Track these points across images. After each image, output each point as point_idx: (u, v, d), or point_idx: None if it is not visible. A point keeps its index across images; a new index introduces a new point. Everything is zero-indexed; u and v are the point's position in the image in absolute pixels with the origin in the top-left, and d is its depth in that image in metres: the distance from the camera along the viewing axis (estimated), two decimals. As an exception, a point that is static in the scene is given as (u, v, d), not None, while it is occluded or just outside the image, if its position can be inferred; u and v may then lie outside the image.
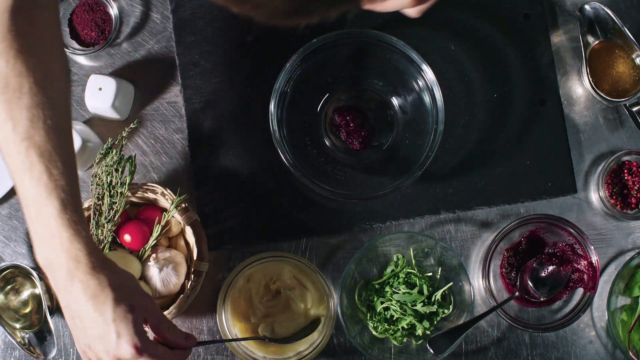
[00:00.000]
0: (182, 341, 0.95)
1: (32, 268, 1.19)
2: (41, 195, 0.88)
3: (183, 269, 1.18)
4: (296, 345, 1.19)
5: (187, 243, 1.21)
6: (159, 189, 1.17)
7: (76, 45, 1.25)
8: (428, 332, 1.20)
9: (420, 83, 1.19)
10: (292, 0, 0.59)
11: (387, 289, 1.19)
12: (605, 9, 1.22)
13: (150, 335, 0.94)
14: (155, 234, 1.15)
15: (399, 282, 1.19)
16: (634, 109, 1.25)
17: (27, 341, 1.19)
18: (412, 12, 0.94)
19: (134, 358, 0.89)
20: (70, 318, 0.92)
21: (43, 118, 0.89)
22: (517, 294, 1.19)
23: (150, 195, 1.17)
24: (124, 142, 1.15)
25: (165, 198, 1.16)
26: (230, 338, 1.16)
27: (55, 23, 0.96)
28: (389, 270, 1.21)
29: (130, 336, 0.88)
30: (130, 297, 0.90)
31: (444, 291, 1.20)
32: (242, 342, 1.17)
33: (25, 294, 1.22)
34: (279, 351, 1.19)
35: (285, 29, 0.62)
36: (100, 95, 1.19)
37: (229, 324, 1.18)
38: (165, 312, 1.14)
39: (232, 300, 1.18)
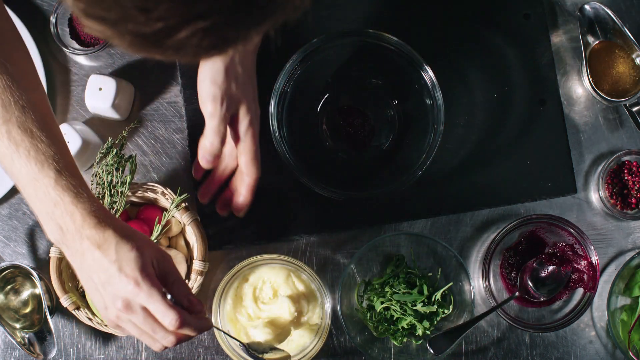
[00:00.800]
0: (184, 300, 0.94)
1: (32, 268, 1.19)
2: (34, 170, 0.90)
3: (183, 269, 1.18)
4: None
5: (187, 243, 1.21)
6: (159, 188, 1.17)
7: (76, 45, 1.25)
8: (428, 332, 1.20)
9: (420, 83, 1.19)
10: (212, 37, 0.57)
11: (387, 289, 1.19)
12: (605, 9, 1.22)
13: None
14: (155, 234, 1.15)
15: (399, 282, 1.19)
16: (634, 109, 1.25)
17: (27, 341, 1.19)
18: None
19: (134, 294, 0.89)
20: (85, 281, 0.92)
21: (14, 100, 0.90)
22: (517, 294, 1.19)
23: (151, 194, 1.17)
24: (124, 142, 1.15)
25: (165, 197, 1.16)
26: (221, 330, 1.15)
27: (2, 10, 0.97)
28: (389, 270, 1.21)
29: (130, 270, 0.88)
30: (136, 241, 0.91)
31: (444, 291, 1.20)
32: (236, 344, 1.17)
33: (25, 294, 1.22)
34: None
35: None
36: (100, 95, 1.19)
37: (224, 322, 1.18)
38: (165, 312, 1.14)
39: (227, 302, 1.19)
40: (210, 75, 1.06)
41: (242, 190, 1.14)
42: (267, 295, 1.19)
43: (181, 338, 0.93)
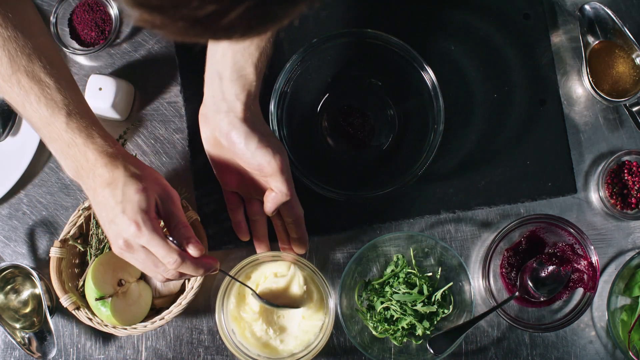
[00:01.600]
0: (184, 244, 0.96)
1: (32, 268, 1.19)
2: (45, 115, 0.94)
3: (183, 269, 1.18)
4: (290, 343, 1.18)
5: (187, 243, 1.21)
6: (159, 188, 1.17)
7: (76, 45, 1.25)
8: (428, 332, 1.20)
9: (420, 83, 1.19)
10: (261, 14, 0.58)
11: (387, 289, 1.19)
12: (605, 9, 1.22)
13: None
14: (155, 234, 1.15)
15: (399, 282, 1.19)
16: (634, 109, 1.25)
17: (27, 341, 1.19)
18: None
19: (134, 236, 0.92)
20: (97, 214, 0.96)
21: (20, 49, 0.93)
22: (517, 294, 1.19)
23: (150, 195, 1.17)
24: (124, 142, 1.15)
25: (165, 198, 1.16)
26: (228, 274, 1.14)
27: None
28: (389, 270, 1.21)
29: (133, 212, 0.92)
30: (143, 181, 0.94)
31: (444, 291, 1.20)
32: (240, 342, 1.17)
33: (25, 294, 1.22)
34: (274, 352, 1.19)
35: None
36: (100, 95, 1.19)
37: (227, 320, 1.18)
38: (166, 312, 1.14)
39: (231, 299, 1.18)
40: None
41: (297, 230, 1.16)
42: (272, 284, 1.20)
43: (182, 274, 0.96)
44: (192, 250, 0.96)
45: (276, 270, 1.19)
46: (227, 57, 1.02)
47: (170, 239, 0.96)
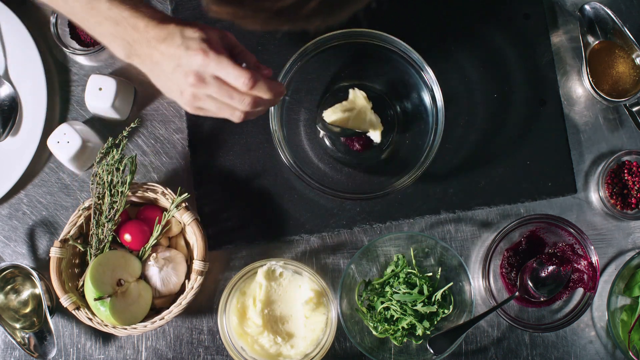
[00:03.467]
0: (251, 65, 0.97)
1: (32, 268, 1.19)
2: (86, 2, 0.93)
3: (183, 269, 1.18)
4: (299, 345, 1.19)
5: (187, 243, 1.21)
6: (160, 188, 1.17)
7: (76, 45, 1.25)
8: (428, 332, 1.20)
9: (420, 83, 1.19)
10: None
11: (387, 289, 1.19)
12: (605, 9, 1.22)
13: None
14: (155, 234, 1.15)
15: (399, 282, 1.19)
16: (634, 109, 1.25)
17: (27, 341, 1.19)
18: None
19: (203, 65, 0.91)
20: (157, 79, 0.96)
21: None
22: (517, 294, 1.19)
23: (151, 194, 1.17)
24: (124, 142, 1.15)
25: (165, 197, 1.16)
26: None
27: None
28: (389, 270, 1.21)
29: (196, 44, 0.91)
30: (198, 25, 0.93)
31: (444, 291, 1.20)
32: (252, 358, 1.18)
33: (25, 294, 1.22)
34: (288, 358, 1.19)
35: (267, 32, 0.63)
36: (100, 95, 1.19)
37: (234, 339, 1.18)
38: (166, 312, 1.14)
39: (232, 317, 1.19)
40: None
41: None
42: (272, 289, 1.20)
43: (257, 101, 0.95)
44: (264, 70, 0.98)
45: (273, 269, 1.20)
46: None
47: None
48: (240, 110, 0.96)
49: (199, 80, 0.92)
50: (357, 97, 1.21)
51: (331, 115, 1.20)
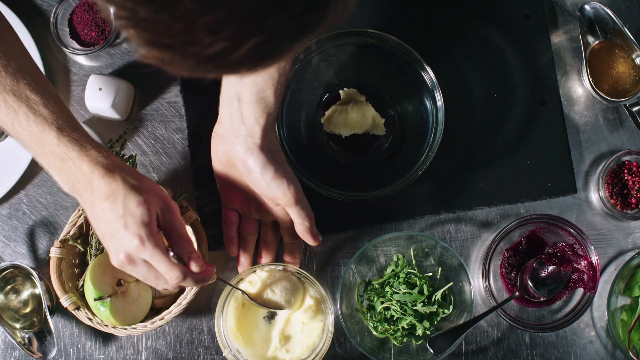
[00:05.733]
0: (185, 258, 0.97)
1: (32, 268, 1.19)
2: (36, 132, 0.93)
3: (183, 269, 1.18)
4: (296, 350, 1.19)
5: (187, 243, 1.21)
6: (159, 188, 1.17)
7: (76, 45, 1.25)
8: (428, 332, 1.20)
9: (420, 83, 1.19)
10: (270, 49, 0.58)
11: (387, 289, 1.19)
12: (605, 9, 1.22)
13: None
14: (155, 234, 1.15)
15: (399, 282, 1.19)
16: (634, 109, 1.25)
17: (27, 341, 1.19)
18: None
19: (139, 251, 0.92)
20: (95, 228, 0.96)
21: (3, 69, 0.93)
22: (517, 294, 1.19)
23: (150, 195, 1.17)
24: (124, 142, 1.15)
25: (165, 198, 1.16)
26: (227, 282, 1.16)
27: None
28: (389, 270, 1.21)
29: (136, 226, 0.91)
30: (144, 194, 0.93)
31: (444, 291, 1.20)
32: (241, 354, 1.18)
33: (25, 294, 1.22)
34: None
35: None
36: (100, 95, 1.19)
37: (227, 332, 1.18)
38: (166, 312, 1.14)
39: (231, 310, 1.19)
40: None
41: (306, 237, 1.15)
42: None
43: (182, 286, 0.97)
44: (194, 267, 0.96)
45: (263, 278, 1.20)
46: (246, 78, 1.01)
47: (172, 254, 0.96)
48: (164, 288, 0.99)
49: (129, 261, 0.93)
50: (348, 94, 1.22)
51: (331, 116, 1.21)
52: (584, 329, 1.24)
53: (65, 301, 1.13)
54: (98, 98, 1.19)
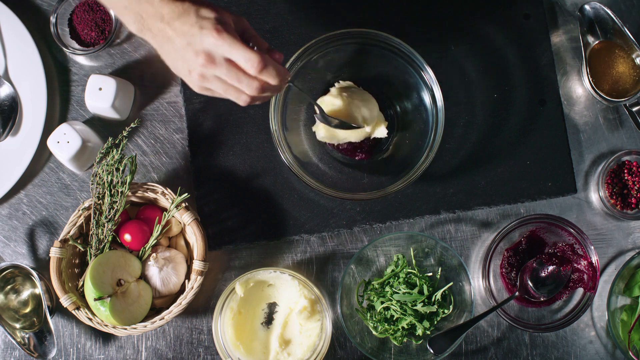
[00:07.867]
0: (263, 49, 0.97)
1: (32, 268, 1.19)
2: None
3: (183, 269, 1.18)
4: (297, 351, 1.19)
5: (187, 243, 1.21)
6: (160, 188, 1.17)
7: (76, 45, 1.25)
8: (428, 332, 1.20)
9: (420, 83, 1.19)
10: None
11: (387, 289, 1.19)
12: (605, 9, 1.22)
13: None
14: (155, 234, 1.15)
15: (399, 282, 1.19)
16: (634, 109, 1.25)
17: (27, 341, 1.19)
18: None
19: (216, 45, 0.91)
20: (167, 55, 0.95)
21: None
22: (517, 294, 1.19)
23: (151, 194, 1.17)
24: (124, 142, 1.15)
25: (165, 197, 1.16)
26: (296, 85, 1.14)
27: None
28: (389, 270, 1.21)
29: (211, 24, 0.91)
30: (213, 6, 0.93)
31: (444, 291, 1.20)
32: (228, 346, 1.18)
33: (25, 294, 1.22)
34: None
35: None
36: (100, 95, 1.19)
37: (227, 342, 1.19)
38: (166, 312, 1.14)
39: (228, 314, 1.19)
40: None
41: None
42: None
43: (264, 86, 0.95)
44: (277, 55, 0.98)
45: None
46: None
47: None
48: (247, 94, 0.96)
49: (209, 60, 0.92)
50: (342, 85, 1.21)
51: (326, 103, 1.19)
52: (584, 329, 1.24)
53: (65, 301, 1.13)
54: (98, 98, 1.19)
